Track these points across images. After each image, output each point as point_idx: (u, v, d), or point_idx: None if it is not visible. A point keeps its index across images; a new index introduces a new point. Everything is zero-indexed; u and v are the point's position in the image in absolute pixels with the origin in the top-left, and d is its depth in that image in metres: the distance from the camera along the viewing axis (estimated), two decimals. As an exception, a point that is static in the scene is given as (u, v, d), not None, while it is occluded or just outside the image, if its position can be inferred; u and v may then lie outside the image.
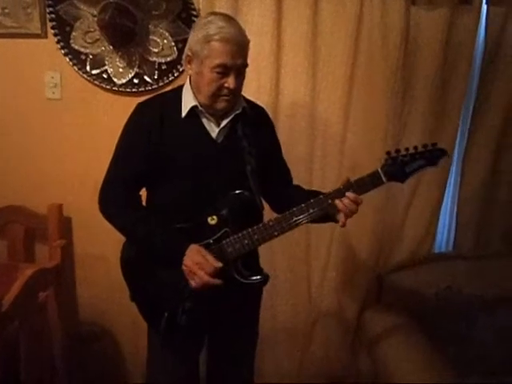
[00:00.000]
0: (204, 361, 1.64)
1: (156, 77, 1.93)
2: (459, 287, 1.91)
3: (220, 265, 1.26)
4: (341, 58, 1.90)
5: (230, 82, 1.25)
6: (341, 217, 1.30)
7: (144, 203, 1.44)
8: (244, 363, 1.62)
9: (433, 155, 1.30)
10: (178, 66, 1.92)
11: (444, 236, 2.21)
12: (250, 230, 1.31)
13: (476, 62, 1.97)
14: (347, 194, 1.28)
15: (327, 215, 1.33)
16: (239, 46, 1.25)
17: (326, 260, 2.08)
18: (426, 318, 1.89)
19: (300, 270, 2.10)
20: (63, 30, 1.88)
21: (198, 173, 1.33)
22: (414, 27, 1.87)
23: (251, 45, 1.33)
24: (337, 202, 1.28)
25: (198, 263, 1.25)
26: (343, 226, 1.31)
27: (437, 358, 1.68)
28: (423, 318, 1.89)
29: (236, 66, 1.25)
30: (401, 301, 1.98)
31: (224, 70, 1.24)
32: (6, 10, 1.87)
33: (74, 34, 1.88)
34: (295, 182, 1.58)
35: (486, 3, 1.88)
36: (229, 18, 1.29)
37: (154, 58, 1.92)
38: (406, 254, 2.08)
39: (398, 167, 1.30)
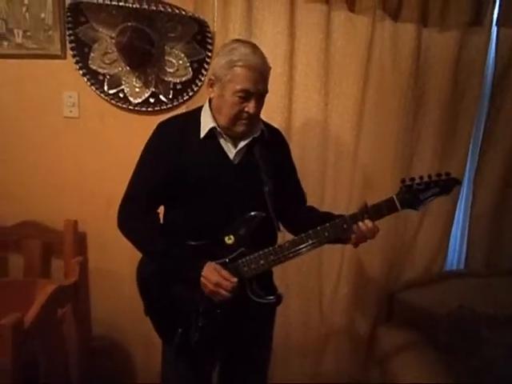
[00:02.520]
0: (216, 381, 1.65)
1: (171, 96, 1.98)
2: (471, 306, 1.90)
3: (236, 280, 1.29)
4: (352, 78, 1.94)
5: (251, 106, 1.29)
6: (354, 241, 1.33)
7: (161, 220, 1.46)
8: (257, 381, 1.63)
9: (446, 184, 1.33)
10: (193, 86, 1.97)
11: (455, 254, 2.21)
12: (266, 250, 1.33)
13: (487, 82, 2.00)
14: (366, 221, 1.31)
15: (339, 238, 1.36)
16: (261, 73, 1.29)
17: (338, 277, 2.10)
18: (438, 335, 1.89)
19: (312, 286, 2.11)
20: (82, 51, 1.94)
21: (214, 192, 1.35)
22: (425, 48, 1.91)
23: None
24: (355, 228, 1.31)
25: (217, 283, 1.28)
26: (356, 247, 1.36)
27: (448, 376, 1.68)
28: (435, 336, 1.88)
29: (257, 92, 1.30)
30: (412, 318, 1.98)
31: (245, 95, 1.28)
32: (28, 33, 1.93)
33: (92, 55, 1.94)
34: (307, 199, 1.60)
35: (496, 25, 1.91)
36: (253, 46, 1.32)
37: (170, 78, 1.97)
38: (417, 271, 2.10)
39: (413, 195, 1.32)
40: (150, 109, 1.99)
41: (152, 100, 1.98)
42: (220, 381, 1.64)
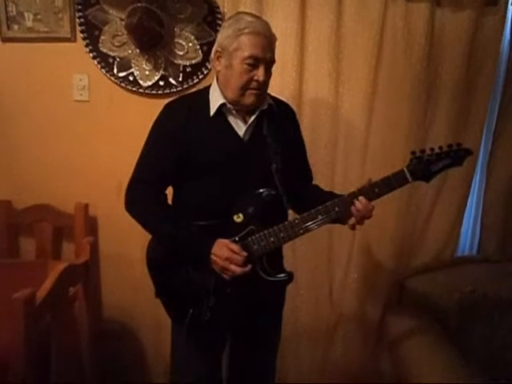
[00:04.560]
0: (226, 362, 1.65)
1: (181, 79, 1.97)
2: (484, 291, 1.88)
3: (246, 254, 1.29)
4: (364, 60, 1.91)
5: (260, 74, 1.28)
6: (351, 221, 1.31)
7: (170, 201, 1.46)
8: (266, 364, 1.63)
9: (458, 155, 1.29)
10: (203, 69, 1.96)
11: (468, 239, 2.18)
12: (275, 227, 1.32)
13: (502, 63, 1.96)
14: (360, 198, 1.28)
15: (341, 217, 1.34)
16: (268, 39, 1.29)
17: (348, 262, 2.09)
18: (449, 321, 1.87)
19: (321, 272, 2.10)
20: (92, 33, 1.94)
21: (224, 171, 1.34)
22: (438, 29, 1.87)
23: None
24: (353, 208, 1.29)
25: (227, 258, 1.27)
26: (353, 229, 1.33)
27: (459, 362, 1.66)
28: (446, 321, 1.86)
29: (265, 60, 1.29)
30: (423, 304, 1.96)
31: (254, 62, 1.27)
32: (39, 16, 1.93)
33: (102, 37, 1.93)
34: (318, 183, 1.59)
35: (512, 4, 1.87)
36: (256, 16, 1.33)
37: (179, 61, 1.96)
38: (429, 256, 2.07)
39: (424, 166, 1.29)
40: (159, 92, 1.98)
41: (162, 83, 1.97)
42: (229, 362, 1.64)
